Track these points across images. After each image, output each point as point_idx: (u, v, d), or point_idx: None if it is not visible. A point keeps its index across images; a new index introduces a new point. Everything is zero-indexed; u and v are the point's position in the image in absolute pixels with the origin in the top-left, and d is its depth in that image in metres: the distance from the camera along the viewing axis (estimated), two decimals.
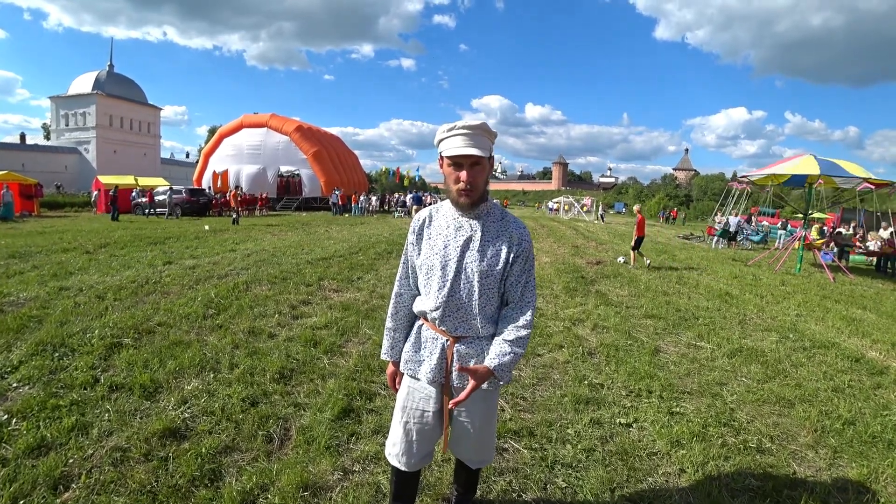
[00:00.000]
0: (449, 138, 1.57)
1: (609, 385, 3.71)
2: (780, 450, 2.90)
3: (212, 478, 2.32)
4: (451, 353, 1.69)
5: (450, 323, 1.68)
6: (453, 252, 1.64)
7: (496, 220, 1.67)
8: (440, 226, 1.71)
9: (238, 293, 6.02)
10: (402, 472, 1.84)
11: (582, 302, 6.62)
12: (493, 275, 1.63)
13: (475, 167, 1.56)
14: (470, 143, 1.52)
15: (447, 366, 1.70)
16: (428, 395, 1.75)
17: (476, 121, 1.55)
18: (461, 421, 1.77)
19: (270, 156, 33.99)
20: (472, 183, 1.56)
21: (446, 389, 1.72)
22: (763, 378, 4.07)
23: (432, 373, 1.71)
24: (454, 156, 1.53)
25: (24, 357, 3.70)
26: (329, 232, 15.97)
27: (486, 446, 1.87)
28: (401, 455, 1.80)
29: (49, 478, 2.24)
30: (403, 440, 1.79)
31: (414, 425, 1.78)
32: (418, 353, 1.77)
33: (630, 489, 2.39)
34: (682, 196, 71.32)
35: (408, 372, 1.80)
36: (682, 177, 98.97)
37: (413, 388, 1.79)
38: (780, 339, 5.29)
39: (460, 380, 1.70)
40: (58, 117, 53.33)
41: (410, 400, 1.78)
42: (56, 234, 12.74)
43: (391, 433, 1.86)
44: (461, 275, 1.64)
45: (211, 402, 3.06)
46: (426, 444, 1.82)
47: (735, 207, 19.35)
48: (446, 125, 1.58)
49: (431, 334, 1.73)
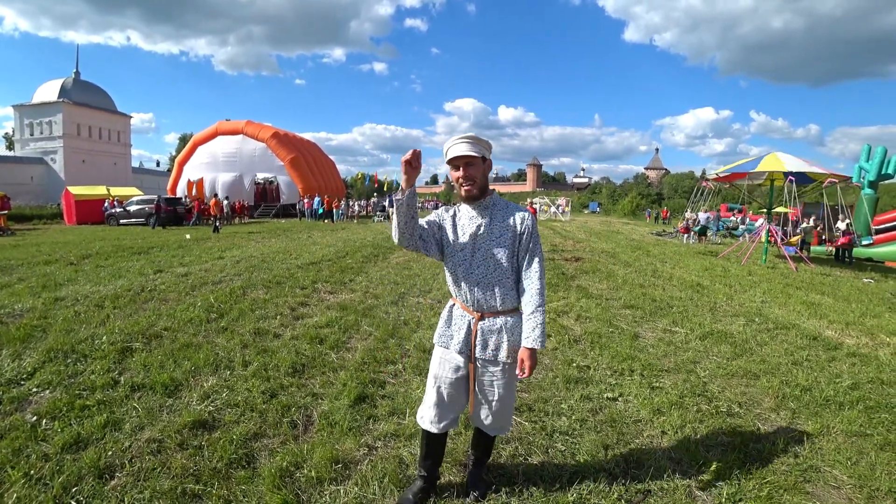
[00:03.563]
0: (449, 149, 1.95)
1: (595, 367, 4.07)
2: (747, 413, 3.30)
3: (247, 460, 2.55)
4: (476, 329, 2.03)
5: (473, 299, 2.02)
6: (469, 239, 2.02)
7: (501, 208, 2.05)
8: (460, 221, 2.07)
9: (236, 298, 6.19)
10: (432, 434, 2.14)
11: (564, 296, 7.00)
12: (504, 251, 2.00)
13: (469, 165, 1.94)
14: (464, 148, 1.91)
15: (473, 339, 2.03)
16: (457, 364, 2.08)
17: (468, 133, 1.95)
18: (484, 390, 2.09)
19: (247, 163, 33.68)
20: (468, 176, 1.94)
21: (472, 359, 2.05)
22: (732, 356, 4.50)
23: (461, 344, 2.05)
24: (452, 158, 1.93)
25: (37, 364, 3.83)
26: (312, 237, 16.06)
27: (504, 415, 2.16)
28: (433, 417, 2.11)
29: (94, 468, 2.43)
30: (435, 403, 2.11)
31: (445, 389, 2.10)
32: (450, 328, 2.12)
33: (621, 449, 2.74)
34: (653, 195, 73.30)
35: (441, 344, 2.14)
36: (653, 176, 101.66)
37: (444, 358, 2.11)
38: (747, 323, 5.76)
39: (483, 352, 2.03)
40: (22, 126, 51.38)
41: (442, 368, 2.11)
42: (32, 247, 12.52)
43: (424, 400, 2.18)
44: (477, 254, 2.01)
45: (233, 396, 3.28)
46: (455, 407, 2.14)
47: (704, 204, 20.21)
48: (448, 142, 1.97)
49: (460, 312, 2.09)
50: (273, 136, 33.40)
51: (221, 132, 34.17)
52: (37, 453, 2.57)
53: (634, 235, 21.58)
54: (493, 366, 2.06)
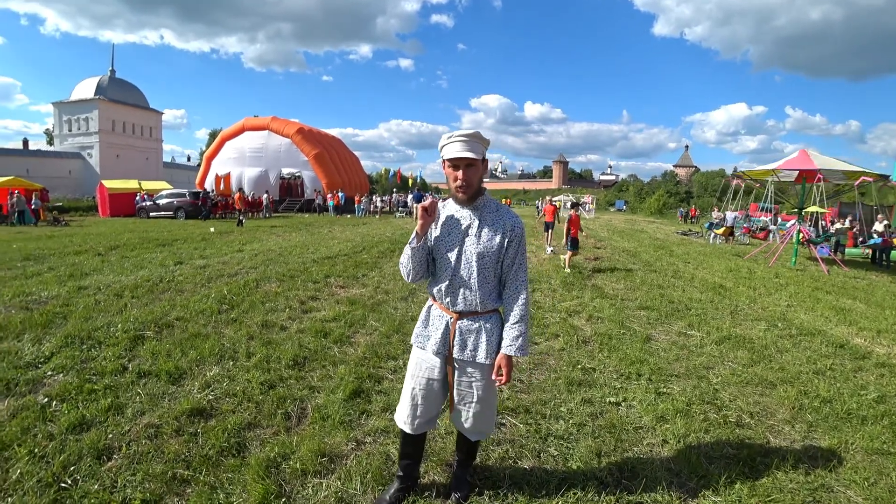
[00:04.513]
0: (449, 144, 1.87)
1: (601, 369, 3.96)
2: (758, 424, 3.14)
3: (238, 449, 2.58)
4: (455, 329, 1.97)
5: (453, 299, 1.96)
6: (455, 239, 1.95)
7: (492, 211, 1.98)
8: (445, 218, 2.00)
9: (249, 290, 6.29)
10: (409, 434, 2.10)
11: (578, 295, 6.87)
12: (489, 255, 1.93)
13: (470, 168, 1.87)
14: (466, 148, 1.82)
15: (450, 340, 1.98)
16: (433, 365, 2.03)
17: (471, 130, 1.84)
18: (463, 392, 2.03)
19: (272, 158, 34.27)
20: (466, 181, 1.87)
21: (449, 360, 2.00)
22: (748, 363, 4.31)
23: (437, 345, 2.00)
24: (452, 158, 1.84)
25: (55, 349, 3.97)
26: (332, 232, 16.24)
27: (485, 419, 2.10)
28: (407, 418, 2.07)
29: (93, 449, 2.51)
30: (410, 405, 2.06)
31: (420, 391, 2.05)
32: (427, 328, 2.07)
33: (616, 457, 2.64)
34: (682, 192, 71.46)
35: (417, 344, 2.09)
36: (682, 173, 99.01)
37: (421, 358, 2.07)
38: (769, 328, 5.52)
39: (461, 352, 1.97)
40: (61, 122, 53.69)
41: (418, 369, 2.06)
42: (66, 238, 13.03)
43: (401, 400, 2.14)
44: (462, 257, 1.94)
45: (232, 386, 3.32)
46: (430, 409, 2.08)
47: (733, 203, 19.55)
48: (447, 134, 1.88)
49: (438, 312, 2.03)
50: (298, 131, 33.88)
51: (248, 128, 34.85)
52: (43, 432, 2.66)
53: (659, 234, 21.07)
54: (472, 367, 2.01)
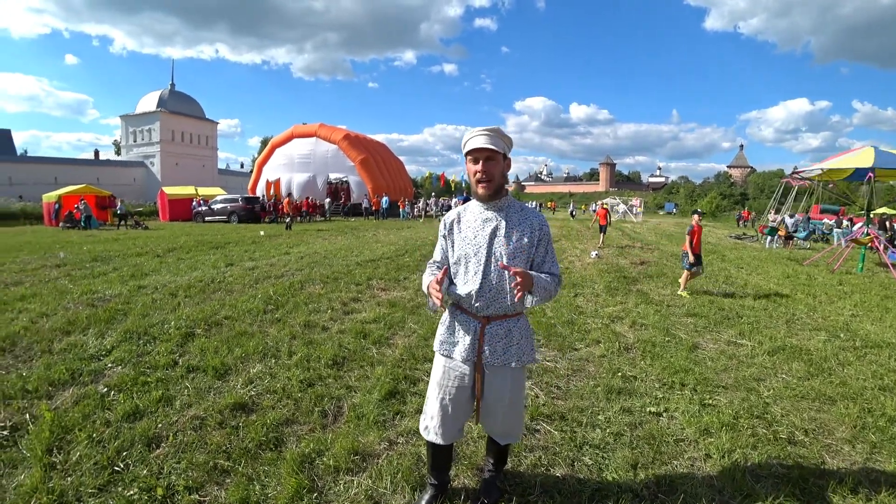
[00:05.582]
0: (470, 139, 1.87)
1: (643, 378, 3.82)
2: (814, 442, 2.92)
3: (275, 443, 2.67)
4: (483, 334, 1.92)
5: (482, 304, 1.91)
6: (483, 240, 1.90)
7: (517, 211, 1.96)
8: (469, 220, 1.97)
9: (294, 291, 6.51)
10: (437, 445, 2.06)
11: (622, 300, 6.67)
12: (520, 256, 1.90)
13: (489, 161, 1.85)
14: (486, 141, 1.82)
15: (479, 345, 1.93)
16: (462, 373, 1.98)
17: (492, 126, 1.85)
18: (492, 396, 1.98)
19: (320, 164, 35.39)
20: (486, 172, 1.85)
21: (479, 367, 1.95)
22: (805, 376, 4.04)
23: (466, 352, 1.94)
24: (472, 150, 1.84)
25: (115, 343, 4.27)
26: (377, 236, 16.55)
27: (513, 423, 2.05)
28: (437, 428, 2.02)
29: (144, 437, 2.68)
30: (439, 414, 2.01)
31: (450, 401, 2.00)
32: (453, 335, 2.00)
33: (654, 470, 2.54)
34: (737, 194, 68.02)
35: (442, 352, 2.03)
36: (737, 174, 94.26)
37: (448, 367, 2.00)
38: (829, 339, 5.15)
39: (491, 357, 1.94)
40: (127, 134, 57.91)
41: (446, 378, 2.00)
42: (129, 241, 13.96)
43: (426, 410, 2.09)
44: (491, 258, 1.89)
45: (273, 383, 3.45)
46: (460, 418, 2.05)
47: (794, 205, 18.39)
48: (469, 131, 1.89)
49: (464, 318, 1.97)
50: (344, 137, 34.82)
51: (297, 135, 36.17)
52: (101, 419, 2.88)
53: (711, 238, 20.10)
54: (502, 372, 1.96)
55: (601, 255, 11.68)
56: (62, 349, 4.10)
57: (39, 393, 3.23)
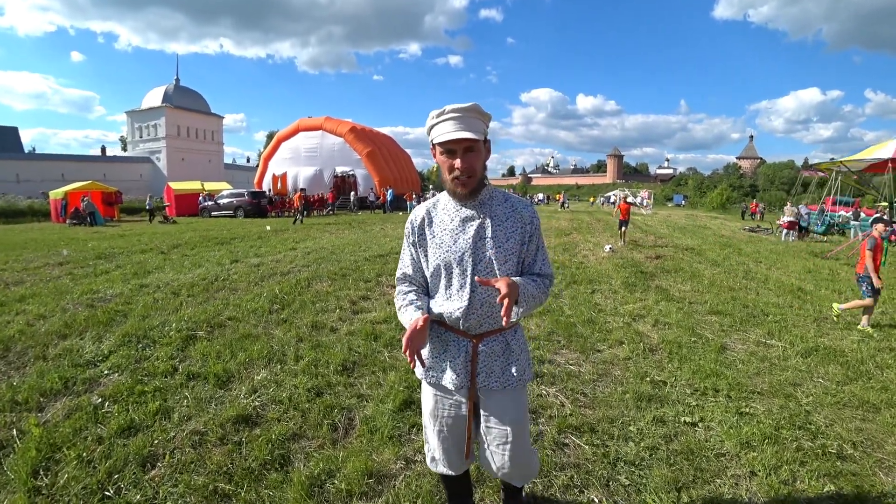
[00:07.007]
0: (439, 124, 1.47)
1: (672, 383, 3.58)
2: (865, 457, 2.68)
3: (282, 462, 2.45)
4: (476, 353, 1.61)
5: (474, 321, 1.57)
6: (465, 246, 1.56)
7: (501, 203, 1.60)
8: (443, 221, 1.61)
9: (301, 289, 6.30)
10: (451, 476, 1.81)
11: (642, 297, 6.40)
12: (511, 259, 1.58)
13: (469, 153, 1.47)
14: (461, 127, 1.43)
15: (472, 368, 1.61)
16: (457, 402, 1.68)
17: (466, 104, 1.45)
18: (493, 427, 1.66)
19: (326, 157, 35.13)
20: (467, 169, 1.48)
21: (472, 393, 1.63)
22: (843, 380, 3.78)
23: (458, 379, 1.61)
24: (446, 142, 1.45)
25: (113, 347, 4.07)
26: (385, 230, 16.32)
27: (524, 455, 1.70)
28: (444, 461, 1.76)
29: (138, 456, 2.47)
30: (441, 448, 1.75)
31: (449, 433, 1.72)
32: (440, 359, 1.66)
33: (697, 490, 2.30)
34: (746, 186, 67.15)
35: (429, 380, 1.70)
36: (746, 166, 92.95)
37: (439, 395, 1.71)
38: (863, 339, 4.88)
39: (487, 379, 1.63)
40: (133, 130, 57.96)
41: (439, 408, 1.71)
42: (134, 237, 13.83)
43: (428, 444, 1.82)
44: (479, 266, 1.56)
45: (279, 392, 3.23)
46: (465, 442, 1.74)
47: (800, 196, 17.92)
48: (436, 110, 1.48)
49: (453, 338, 1.63)
50: (350, 130, 34.52)
51: (303, 128, 35.89)
52: (93, 435, 2.68)
53: (724, 231, 19.70)
54: (501, 394, 1.65)
55: (615, 248, 11.39)
56: (57, 354, 3.91)
57: (30, 405, 3.03)
